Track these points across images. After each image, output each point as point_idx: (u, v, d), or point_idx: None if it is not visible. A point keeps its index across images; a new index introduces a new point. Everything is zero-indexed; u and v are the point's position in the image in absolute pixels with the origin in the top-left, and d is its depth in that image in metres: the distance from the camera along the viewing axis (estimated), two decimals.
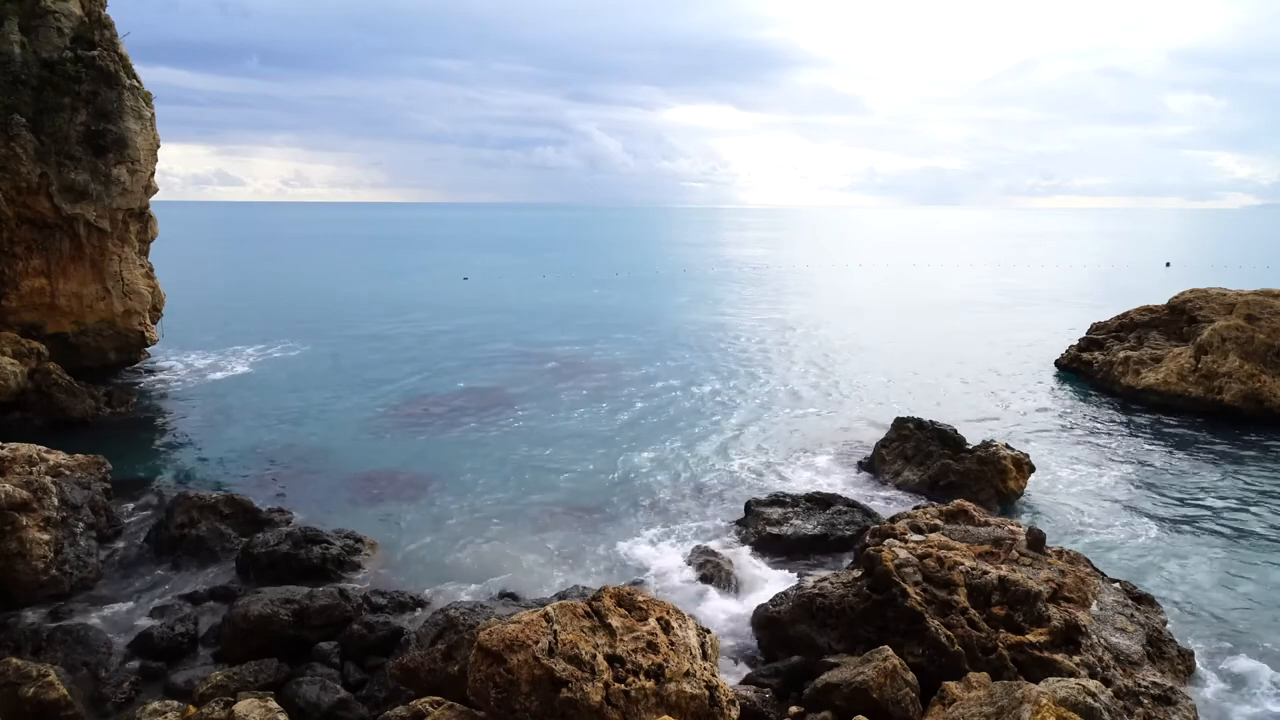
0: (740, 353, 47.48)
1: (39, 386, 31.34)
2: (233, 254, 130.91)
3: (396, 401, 35.62)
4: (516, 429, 31.46)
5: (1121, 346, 39.16)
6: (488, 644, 11.47)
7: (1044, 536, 17.12)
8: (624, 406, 34.93)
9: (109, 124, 34.71)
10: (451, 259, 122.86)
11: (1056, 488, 25.48)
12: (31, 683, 13.23)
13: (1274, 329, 33.76)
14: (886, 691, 12.99)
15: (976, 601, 14.75)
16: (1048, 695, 10.82)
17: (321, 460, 27.60)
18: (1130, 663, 14.25)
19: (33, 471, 19.48)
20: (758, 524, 21.25)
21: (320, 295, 73.46)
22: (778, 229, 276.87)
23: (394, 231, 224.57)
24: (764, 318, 61.81)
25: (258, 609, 15.90)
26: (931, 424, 26.49)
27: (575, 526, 22.50)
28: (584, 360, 44.67)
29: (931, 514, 18.62)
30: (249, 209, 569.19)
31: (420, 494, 24.74)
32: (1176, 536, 21.95)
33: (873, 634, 14.85)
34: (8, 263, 34.19)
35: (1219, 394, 33.23)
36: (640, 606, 12.63)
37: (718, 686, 12.00)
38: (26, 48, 33.27)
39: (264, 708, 12.36)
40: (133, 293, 37.56)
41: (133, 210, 37.20)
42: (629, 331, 54.13)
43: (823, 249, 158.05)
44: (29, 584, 17.56)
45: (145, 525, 21.63)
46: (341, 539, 20.04)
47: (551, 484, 25.69)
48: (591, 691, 10.99)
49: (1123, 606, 15.84)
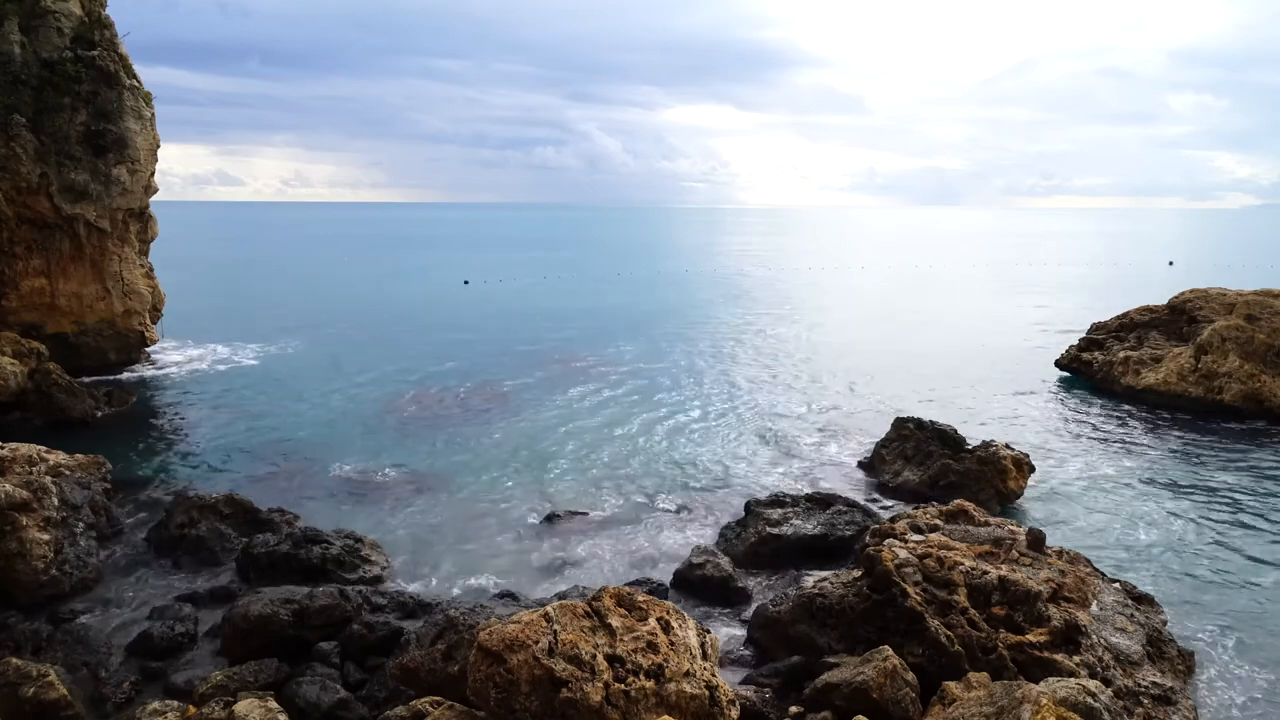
0: (740, 353, 47.50)
1: (39, 386, 31.34)
2: (233, 254, 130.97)
3: (397, 401, 35.62)
4: (517, 429, 31.47)
5: (1121, 346, 39.16)
6: (488, 644, 11.47)
7: (1044, 536, 17.12)
8: (624, 407, 34.94)
9: (109, 124, 34.73)
10: (451, 259, 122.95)
11: (1056, 488, 25.48)
12: (31, 683, 13.23)
13: (1274, 329, 33.76)
14: (886, 691, 12.99)
15: (976, 601, 14.75)
16: (1048, 695, 10.82)
17: (322, 460, 27.59)
18: (1130, 663, 14.25)
19: (33, 471, 19.49)
20: (758, 524, 21.24)
21: (320, 296, 73.49)
22: (778, 229, 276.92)
23: (394, 232, 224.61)
24: (764, 318, 61.84)
25: (258, 609, 15.89)
26: (931, 424, 26.49)
27: (575, 526, 22.51)
28: (584, 360, 44.67)
29: (931, 514, 18.62)
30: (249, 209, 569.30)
31: (420, 494, 24.74)
32: (1176, 536, 21.95)
33: (873, 634, 14.85)
34: (8, 263, 34.20)
35: (1219, 394, 33.23)
36: (640, 606, 12.63)
37: (718, 686, 11.99)
38: (26, 48, 33.28)
39: (264, 708, 12.36)
40: (133, 293, 37.58)
41: (133, 210, 37.23)
42: (629, 332, 54.14)
43: (823, 250, 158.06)
44: (29, 584, 17.56)
45: (145, 525, 21.64)
46: (341, 539, 20.04)
47: (551, 484, 25.70)
48: (591, 691, 10.99)
49: (1123, 606, 15.85)
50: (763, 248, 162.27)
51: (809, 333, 54.69)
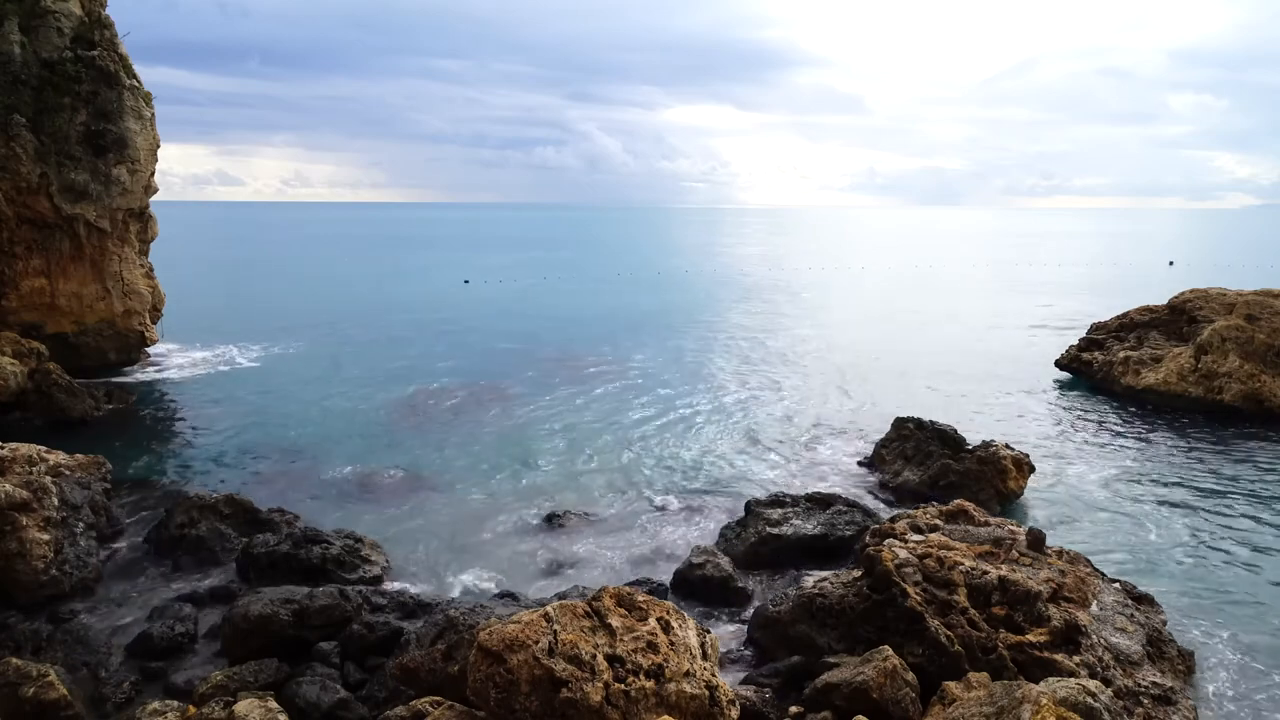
0: (739, 353, 47.49)
1: (39, 386, 31.34)
2: (233, 254, 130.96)
3: (397, 401, 35.62)
4: (517, 429, 31.47)
5: (1121, 346, 39.15)
6: (488, 644, 11.47)
7: (1044, 536, 17.12)
8: (624, 407, 34.94)
9: (109, 124, 34.73)
10: (451, 259, 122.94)
11: (1056, 488, 25.48)
12: (31, 683, 13.23)
13: (1274, 329, 33.76)
14: (886, 691, 12.99)
15: (976, 601, 14.75)
16: (1048, 695, 10.82)
17: (322, 460, 27.60)
18: (1130, 663, 14.25)
19: (33, 471, 19.48)
20: (758, 524, 21.23)
21: (320, 296, 73.48)
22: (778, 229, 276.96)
23: (394, 232, 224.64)
24: (763, 318, 61.84)
25: (258, 609, 15.89)
26: (931, 424, 26.48)
27: (575, 526, 22.50)
28: (584, 360, 44.67)
29: (931, 514, 18.62)
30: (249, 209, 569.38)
31: (420, 494, 24.74)
32: (1176, 536, 21.95)
33: (873, 634, 14.85)
34: (8, 263, 34.20)
35: (1219, 394, 33.23)
36: (640, 606, 12.63)
37: (718, 686, 11.99)
38: (26, 48, 33.28)
39: (264, 708, 12.36)
40: (133, 293, 37.58)
41: (133, 210, 37.22)
42: (629, 332, 54.15)
43: (823, 250, 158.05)
44: (29, 584, 17.56)
45: (145, 525, 21.64)
46: (341, 539, 20.03)
47: (551, 484, 25.70)
48: (591, 691, 10.99)
49: (1123, 606, 15.85)
50: (763, 248, 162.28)
51: (809, 332, 54.68)
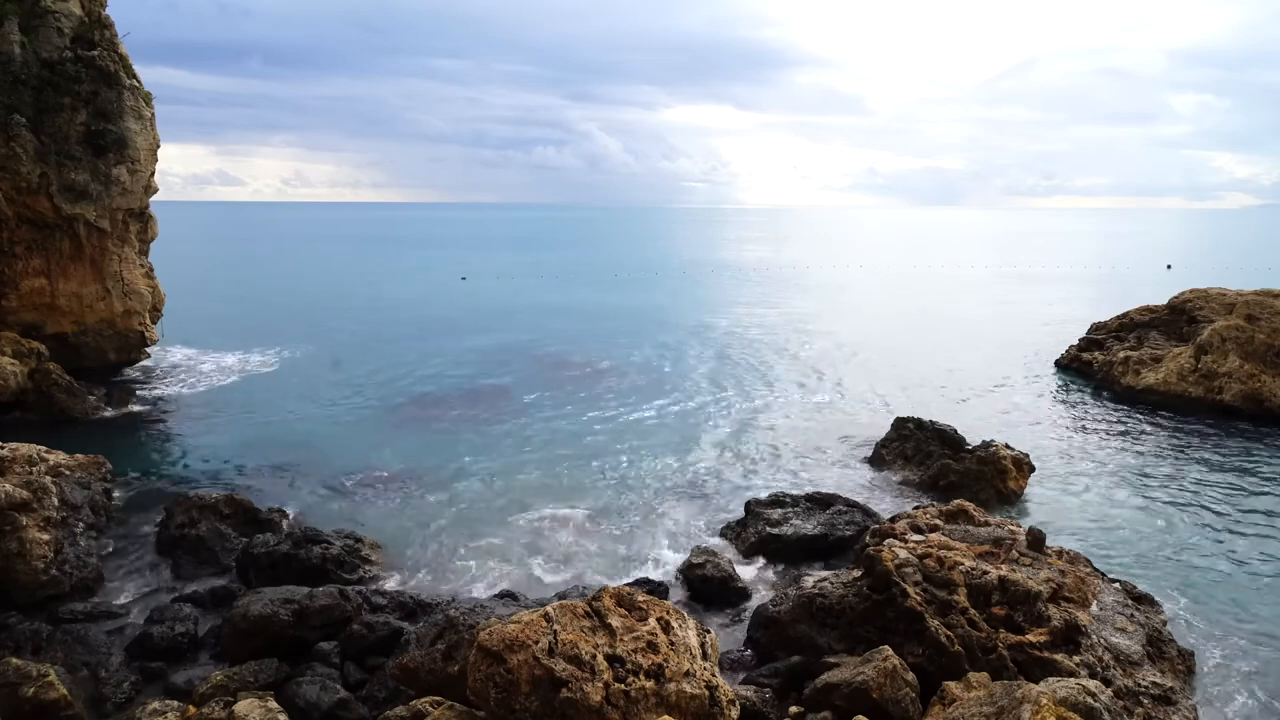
0: (739, 353, 47.47)
1: (39, 386, 31.35)
2: (233, 254, 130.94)
3: (397, 401, 35.63)
4: (517, 429, 31.46)
5: (1121, 346, 39.17)
6: (488, 644, 11.47)
7: (1044, 536, 17.12)
8: (624, 406, 34.93)
9: (109, 124, 34.70)
10: (451, 259, 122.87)
11: (1056, 488, 25.48)
12: (31, 683, 13.24)
13: (1274, 329, 33.76)
14: (886, 691, 12.99)
15: (976, 601, 14.75)
16: (1048, 695, 10.82)
17: (322, 460, 27.59)
18: (1130, 663, 14.25)
19: (33, 471, 19.48)
20: (758, 524, 21.25)
21: (320, 295, 73.46)
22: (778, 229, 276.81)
23: (394, 231, 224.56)
24: (764, 318, 61.81)
25: (258, 609, 15.89)
26: (931, 424, 26.49)
27: (575, 526, 22.51)
28: (583, 360, 44.67)
29: (931, 514, 18.63)
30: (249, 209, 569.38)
31: (420, 494, 24.74)
32: (1176, 536, 21.95)
33: (873, 634, 14.85)
34: (8, 263, 34.18)
35: (1219, 394, 33.23)
36: (640, 606, 12.63)
37: (718, 686, 11.99)
38: (26, 48, 33.26)
39: (264, 708, 12.37)
40: (133, 293, 37.56)
41: (133, 210, 37.20)
42: (629, 332, 54.13)
43: (823, 249, 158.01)
44: (29, 584, 17.56)
45: (145, 525, 21.64)
46: (341, 539, 20.05)
47: (551, 484, 25.69)
48: (591, 691, 10.99)
49: (1123, 606, 15.85)
50: (763, 247, 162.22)
51: (808, 332, 54.66)
